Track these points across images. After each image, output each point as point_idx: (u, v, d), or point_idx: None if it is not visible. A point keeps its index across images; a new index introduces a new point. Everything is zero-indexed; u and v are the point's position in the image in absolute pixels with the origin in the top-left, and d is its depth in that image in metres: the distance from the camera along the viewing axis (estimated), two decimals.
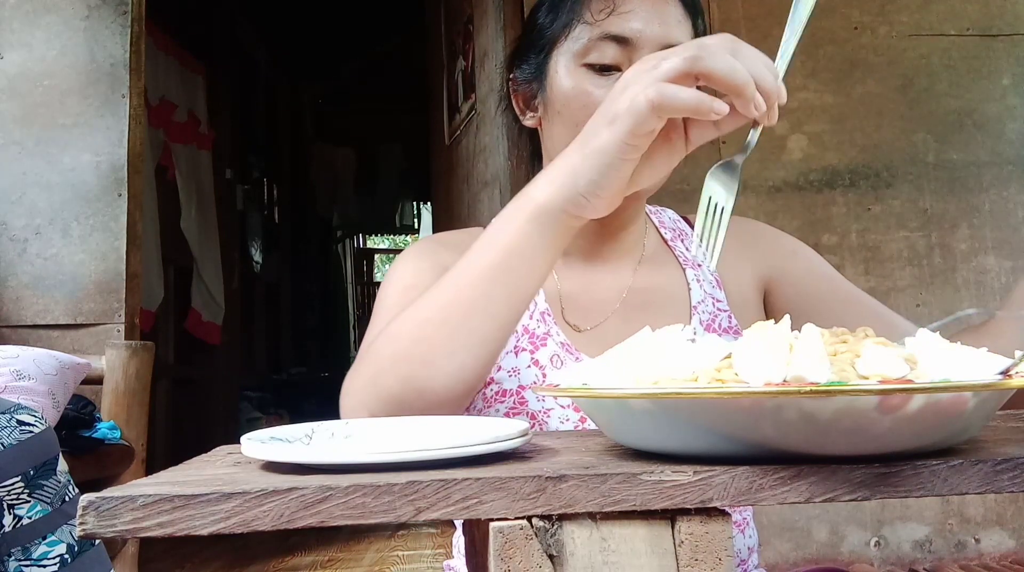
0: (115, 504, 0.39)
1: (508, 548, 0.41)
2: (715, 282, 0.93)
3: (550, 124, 0.87)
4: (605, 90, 0.80)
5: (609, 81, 0.80)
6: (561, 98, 0.83)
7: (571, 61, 0.83)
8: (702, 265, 0.94)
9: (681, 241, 0.97)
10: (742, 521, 0.87)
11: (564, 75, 0.83)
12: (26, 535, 1.27)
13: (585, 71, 0.82)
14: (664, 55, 0.59)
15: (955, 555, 2.46)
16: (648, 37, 0.80)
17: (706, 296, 0.91)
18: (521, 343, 0.86)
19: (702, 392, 0.42)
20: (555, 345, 0.86)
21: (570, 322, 0.88)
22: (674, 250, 0.96)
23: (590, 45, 0.81)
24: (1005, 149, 2.61)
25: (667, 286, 0.92)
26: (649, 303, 0.90)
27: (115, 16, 2.50)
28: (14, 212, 2.41)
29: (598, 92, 0.80)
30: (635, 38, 0.80)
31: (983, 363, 0.44)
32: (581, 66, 0.82)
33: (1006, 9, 2.66)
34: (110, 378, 2.07)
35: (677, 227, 0.99)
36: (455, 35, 3.34)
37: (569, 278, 0.91)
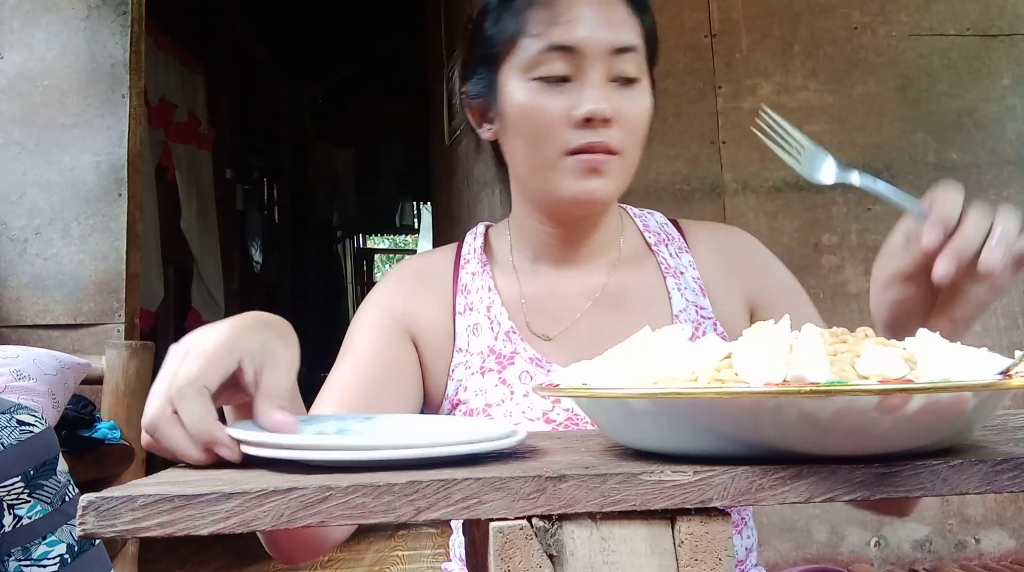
0: (115, 504, 0.39)
1: (508, 548, 0.41)
2: (699, 290, 0.91)
3: (507, 137, 0.85)
4: (559, 100, 0.79)
5: (561, 90, 0.79)
6: (516, 113, 0.82)
7: (520, 75, 0.81)
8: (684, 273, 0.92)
9: (666, 246, 0.94)
10: (740, 521, 0.86)
11: (516, 90, 0.81)
12: (26, 535, 1.27)
13: (537, 84, 0.80)
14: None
15: (955, 555, 2.46)
16: (595, 43, 0.79)
17: (688, 304, 0.89)
18: (487, 364, 0.85)
19: (702, 392, 0.42)
20: (523, 362, 0.85)
21: (537, 332, 0.87)
22: (657, 255, 0.93)
23: (538, 58, 0.80)
24: (1005, 149, 2.61)
25: (644, 290, 0.90)
26: (623, 305, 0.88)
27: (115, 16, 2.51)
28: (14, 212, 2.41)
29: (552, 104, 0.79)
30: (581, 46, 0.79)
31: (983, 363, 0.44)
32: (532, 80, 0.80)
33: (1006, 9, 2.66)
34: (110, 378, 2.07)
35: (664, 231, 0.96)
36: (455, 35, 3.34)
37: (536, 284, 0.90)
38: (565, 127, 0.79)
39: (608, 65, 0.80)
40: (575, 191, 0.80)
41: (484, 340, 0.87)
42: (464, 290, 0.90)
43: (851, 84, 2.57)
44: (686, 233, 0.96)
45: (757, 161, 2.50)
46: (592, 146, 0.78)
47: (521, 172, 0.86)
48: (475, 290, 0.90)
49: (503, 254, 0.93)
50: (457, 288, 0.91)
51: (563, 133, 0.79)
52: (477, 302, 0.89)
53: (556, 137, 0.79)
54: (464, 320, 0.88)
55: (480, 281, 0.90)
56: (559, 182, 0.81)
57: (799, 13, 2.59)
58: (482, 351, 0.86)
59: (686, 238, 0.96)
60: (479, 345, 0.86)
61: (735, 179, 2.49)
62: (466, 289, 0.90)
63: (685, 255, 0.94)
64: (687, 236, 0.96)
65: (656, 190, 2.40)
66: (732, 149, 2.50)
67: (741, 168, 2.50)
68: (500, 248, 0.94)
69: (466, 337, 0.87)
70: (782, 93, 2.53)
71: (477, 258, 0.93)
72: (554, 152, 0.80)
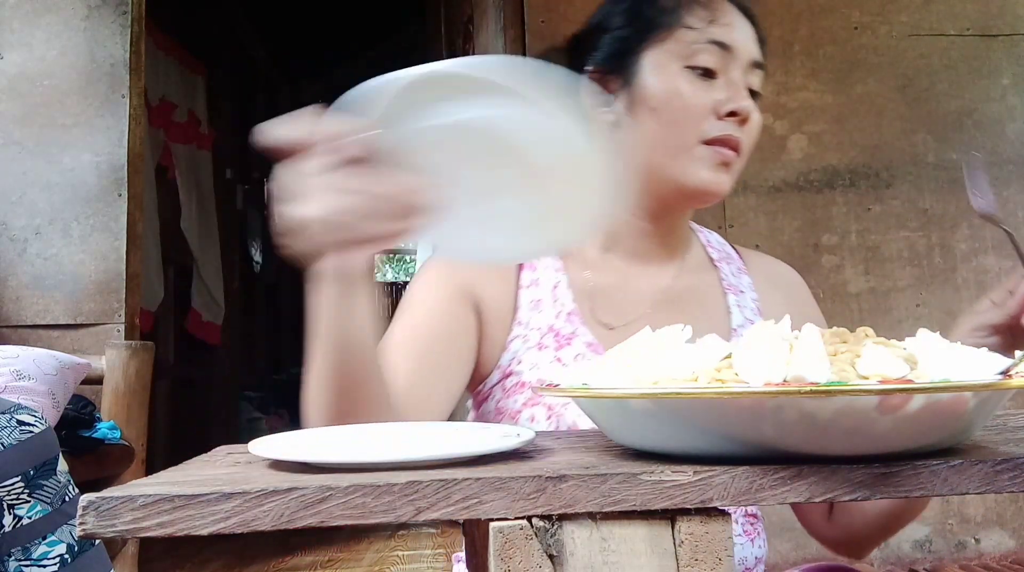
0: (115, 504, 0.39)
1: (508, 548, 0.41)
2: (756, 311, 0.93)
3: (638, 120, 0.87)
4: (706, 92, 0.83)
5: (708, 84, 0.83)
6: (661, 95, 0.84)
7: (672, 61, 0.84)
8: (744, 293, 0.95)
9: (727, 264, 0.97)
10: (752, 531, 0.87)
11: (665, 74, 0.84)
12: (26, 535, 1.27)
13: (686, 73, 0.84)
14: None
15: (955, 555, 2.46)
16: (743, 50, 0.84)
17: (746, 321, 0.91)
18: (545, 341, 0.86)
19: (702, 392, 0.42)
20: (581, 345, 0.86)
21: (601, 320, 0.88)
22: (719, 270, 0.96)
23: (694, 49, 0.83)
24: (1005, 149, 2.61)
25: (706, 300, 0.92)
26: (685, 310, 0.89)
27: (115, 16, 2.51)
28: (14, 212, 2.41)
29: (699, 94, 0.83)
30: (735, 47, 0.84)
31: (983, 363, 0.44)
32: (683, 68, 0.84)
33: (1006, 9, 2.66)
34: (110, 378, 2.07)
35: (724, 250, 0.99)
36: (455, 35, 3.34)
37: (604, 273, 0.91)
38: (708, 117, 0.83)
39: (745, 74, 0.85)
40: (703, 180, 0.83)
41: (545, 317, 0.87)
42: (530, 265, 0.91)
43: (851, 84, 2.57)
44: (744, 258, 1.00)
45: (757, 161, 2.50)
46: (729, 139, 0.83)
47: (647, 154, 0.86)
48: (542, 267, 0.91)
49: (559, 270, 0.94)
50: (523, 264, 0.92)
51: (705, 122, 0.83)
52: (544, 279, 0.90)
53: (697, 125, 0.83)
54: (528, 294, 0.89)
55: (548, 260, 0.91)
56: (690, 168, 0.84)
57: (799, 13, 2.59)
58: (541, 327, 0.87)
59: (744, 262, 0.99)
60: (539, 321, 0.87)
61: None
62: (532, 265, 0.91)
63: (744, 277, 0.97)
64: (745, 261, 1.00)
65: None
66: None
67: None
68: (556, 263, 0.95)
69: (527, 311, 0.88)
70: (782, 93, 2.53)
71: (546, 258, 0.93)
72: (692, 138, 0.83)
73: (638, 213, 0.90)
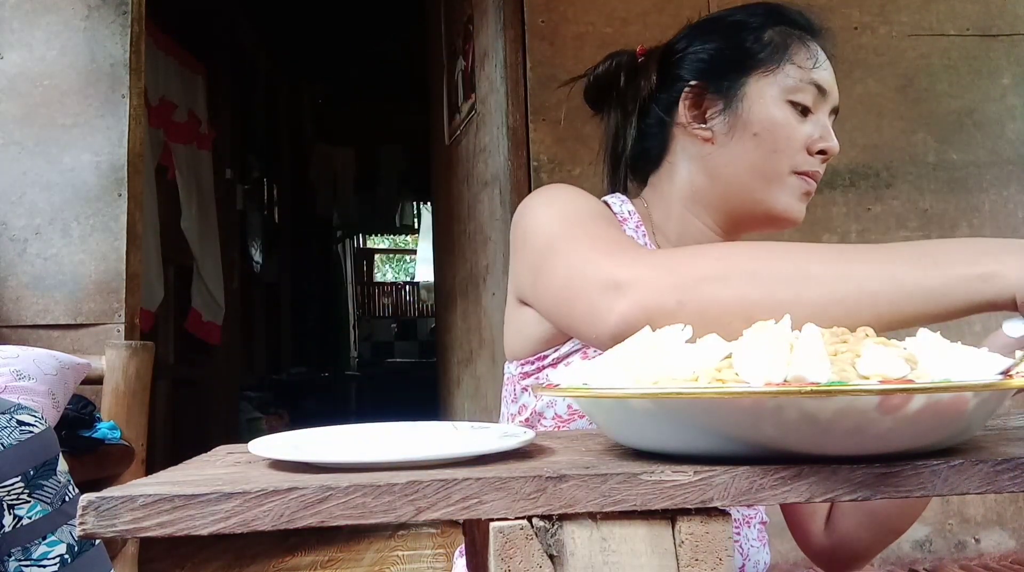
0: (115, 504, 0.39)
1: (508, 548, 0.41)
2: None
3: (737, 141, 0.90)
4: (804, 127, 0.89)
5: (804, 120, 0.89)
6: (766, 123, 0.88)
7: (779, 94, 0.89)
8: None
9: None
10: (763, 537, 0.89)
11: (771, 104, 0.89)
12: (26, 535, 1.27)
13: (788, 106, 0.89)
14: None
15: (955, 555, 2.46)
16: (832, 94, 0.91)
17: None
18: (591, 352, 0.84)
19: (702, 392, 0.42)
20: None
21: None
22: None
23: (799, 86, 0.89)
24: (1005, 149, 2.61)
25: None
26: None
27: (115, 16, 2.50)
28: (14, 212, 2.41)
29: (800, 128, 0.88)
30: (829, 92, 0.90)
31: (983, 363, 0.44)
32: (786, 102, 0.89)
33: (1006, 9, 2.66)
34: (110, 378, 2.07)
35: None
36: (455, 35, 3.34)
37: None
38: (801, 150, 0.88)
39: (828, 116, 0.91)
40: (789, 207, 0.89)
41: None
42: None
43: (851, 84, 2.57)
44: None
45: None
46: (815, 174, 0.89)
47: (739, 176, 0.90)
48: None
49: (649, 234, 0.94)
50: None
51: (799, 155, 0.88)
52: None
53: (792, 156, 0.88)
54: None
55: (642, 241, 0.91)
56: (779, 195, 0.88)
57: None
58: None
59: None
60: None
61: None
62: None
63: None
64: None
65: None
66: None
67: None
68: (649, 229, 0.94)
69: None
70: None
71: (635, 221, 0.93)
72: (786, 168, 0.88)
73: (717, 229, 0.93)
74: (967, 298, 0.59)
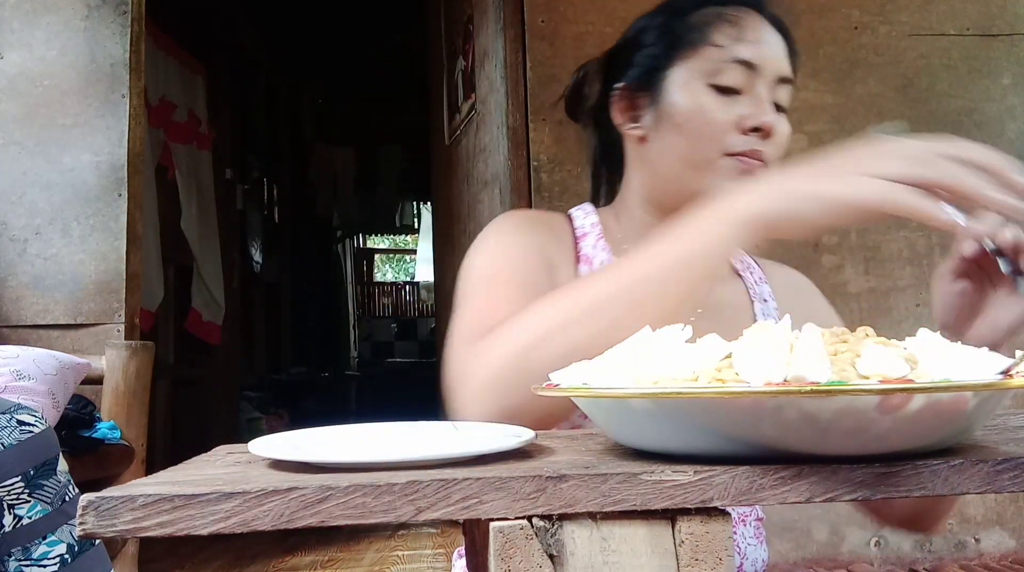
0: (115, 504, 0.39)
1: (508, 548, 0.41)
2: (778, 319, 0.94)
3: (663, 136, 0.88)
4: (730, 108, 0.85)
5: (732, 100, 0.85)
6: (685, 112, 0.86)
7: (697, 79, 0.86)
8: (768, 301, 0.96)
9: (750, 273, 0.99)
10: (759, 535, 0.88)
11: (690, 92, 0.86)
12: (26, 535, 1.27)
13: (710, 91, 0.85)
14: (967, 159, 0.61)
15: (955, 555, 2.46)
16: (771, 66, 0.86)
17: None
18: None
19: (702, 392, 0.42)
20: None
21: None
22: (744, 280, 0.98)
23: (720, 67, 0.85)
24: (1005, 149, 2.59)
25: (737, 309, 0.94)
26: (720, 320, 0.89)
27: (115, 16, 2.50)
28: (14, 212, 2.41)
29: (723, 110, 0.85)
30: (761, 65, 0.86)
31: (983, 363, 0.44)
32: (707, 86, 0.86)
33: (1006, 9, 2.66)
34: (110, 378, 2.07)
35: (745, 260, 1.01)
36: (455, 35, 3.34)
37: None
38: (731, 132, 0.84)
39: (772, 90, 0.86)
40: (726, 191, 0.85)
41: None
42: (587, 260, 0.92)
43: (851, 84, 2.57)
44: (762, 267, 1.02)
45: None
46: (753, 152, 0.84)
47: (670, 167, 0.88)
48: (598, 264, 0.91)
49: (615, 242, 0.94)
50: (579, 257, 0.92)
51: (728, 137, 0.84)
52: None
53: (720, 139, 0.84)
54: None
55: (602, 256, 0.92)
56: (712, 180, 0.85)
57: (799, 13, 2.58)
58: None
59: (763, 271, 1.01)
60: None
61: None
62: (588, 260, 0.92)
63: (764, 286, 0.99)
64: (763, 270, 1.02)
65: None
66: None
67: None
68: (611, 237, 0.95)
69: None
70: None
71: (596, 234, 0.93)
72: (715, 152, 0.85)
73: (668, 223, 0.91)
74: (715, 243, 0.67)
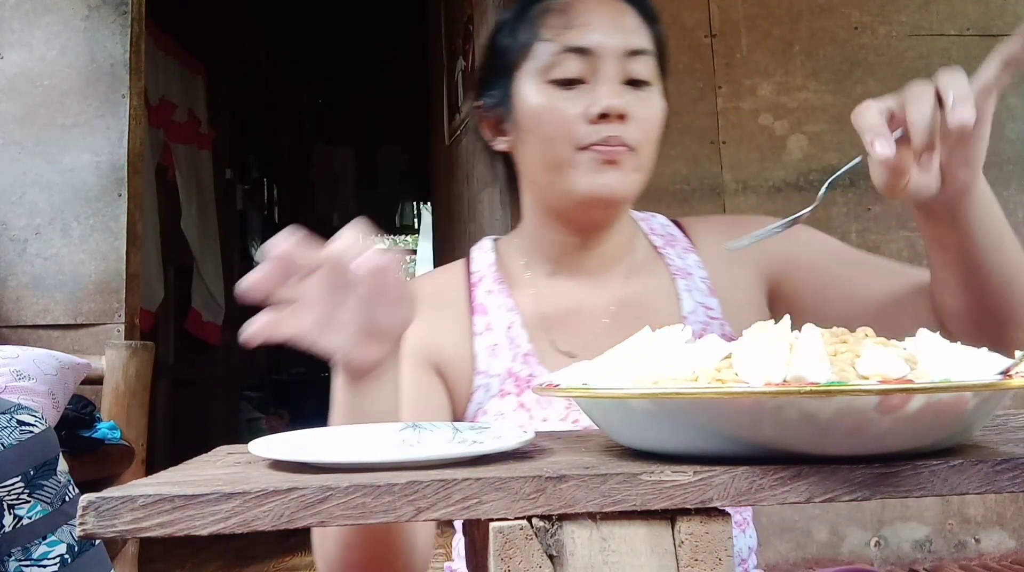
0: (115, 504, 0.39)
1: (508, 548, 0.41)
2: (707, 290, 0.90)
3: (522, 144, 0.86)
4: (574, 100, 0.81)
5: (576, 91, 0.81)
6: (531, 115, 0.83)
7: (535, 79, 0.83)
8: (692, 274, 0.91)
9: (671, 247, 0.94)
10: (742, 521, 0.86)
11: (531, 93, 0.83)
12: (26, 535, 1.27)
13: (551, 87, 0.82)
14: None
15: (955, 555, 2.46)
16: (608, 45, 0.81)
17: (696, 305, 0.88)
18: (506, 386, 0.84)
19: (702, 392, 0.42)
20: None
21: (563, 349, 0.86)
22: (665, 258, 0.93)
23: (552, 60, 0.82)
24: (1005, 149, 2.61)
25: (657, 296, 0.90)
26: (641, 314, 0.87)
27: (115, 16, 2.50)
28: (14, 212, 2.41)
29: (567, 104, 0.81)
30: (595, 47, 0.81)
31: (983, 363, 0.44)
32: (546, 83, 0.82)
33: (1006, 9, 2.66)
34: (110, 378, 2.07)
35: (667, 233, 0.96)
36: (455, 35, 3.34)
37: (556, 299, 0.89)
38: (580, 124, 0.80)
39: (621, 67, 0.82)
40: (591, 186, 0.81)
41: (503, 361, 0.85)
42: (481, 309, 0.89)
43: (851, 84, 2.57)
44: (689, 232, 0.96)
45: (757, 161, 2.50)
46: (607, 140, 0.80)
47: (536, 175, 0.86)
48: (493, 309, 0.89)
49: (518, 270, 0.92)
50: (474, 308, 0.89)
51: (578, 130, 0.80)
52: (496, 322, 0.88)
53: (571, 134, 0.80)
54: (483, 341, 0.87)
55: (498, 300, 0.89)
56: (575, 178, 0.81)
57: (799, 13, 2.59)
58: (501, 373, 0.85)
59: (690, 238, 0.95)
60: (498, 367, 0.85)
61: (735, 179, 2.49)
62: (483, 308, 0.89)
63: (691, 255, 0.93)
64: (691, 235, 0.96)
65: (656, 190, 2.40)
66: (732, 149, 2.50)
67: (741, 168, 2.50)
68: (514, 264, 0.93)
69: (486, 358, 0.86)
70: (782, 93, 2.53)
71: (492, 276, 0.91)
72: (569, 149, 0.81)
73: (563, 231, 0.88)
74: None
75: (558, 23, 0.82)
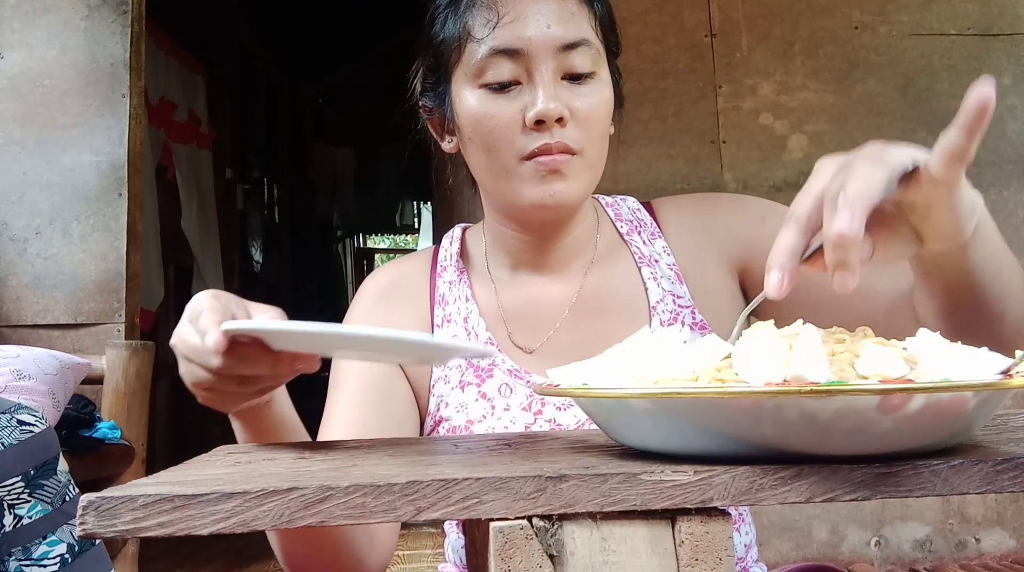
0: (115, 504, 0.39)
1: (508, 548, 0.41)
2: (675, 277, 0.87)
3: (466, 148, 0.83)
4: (509, 106, 0.76)
5: (511, 95, 0.77)
6: (469, 123, 0.79)
7: (469, 83, 0.79)
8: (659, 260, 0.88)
9: (638, 234, 0.90)
10: (738, 518, 0.86)
11: (467, 99, 0.79)
12: (26, 535, 1.27)
13: (485, 92, 0.77)
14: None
15: (955, 555, 2.46)
16: (540, 42, 0.76)
17: (665, 294, 0.86)
18: (466, 377, 0.84)
19: (702, 392, 0.42)
20: (502, 374, 0.83)
21: (519, 344, 0.85)
22: (630, 246, 0.89)
23: (483, 64, 0.77)
24: (1005, 149, 2.61)
25: (621, 287, 0.87)
26: (602, 306, 0.86)
27: (115, 16, 2.51)
28: (14, 212, 2.41)
29: (502, 111, 0.77)
30: (525, 47, 0.76)
31: (983, 363, 0.44)
32: (480, 87, 0.78)
33: (1006, 9, 2.66)
34: (110, 378, 2.07)
35: (635, 218, 0.92)
36: None
37: (514, 293, 0.88)
38: (518, 132, 0.76)
39: (557, 62, 0.76)
40: (537, 197, 0.77)
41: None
42: (442, 301, 0.88)
43: (851, 84, 2.57)
44: (658, 215, 0.92)
45: (757, 161, 2.50)
46: (548, 148, 0.75)
47: (484, 180, 0.83)
48: (453, 301, 0.88)
49: (480, 261, 0.91)
50: (434, 299, 0.88)
51: (517, 138, 0.76)
52: (455, 313, 0.87)
53: (510, 143, 0.76)
54: (442, 333, 0.86)
55: (458, 291, 0.88)
56: (519, 189, 0.78)
57: (799, 13, 2.59)
58: (460, 365, 0.84)
59: (659, 221, 0.92)
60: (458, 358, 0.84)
61: (735, 179, 2.49)
62: (443, 300, 0.88)
63: (659, 241, 0.90)
64: (659, 218, 0.92)
65: (656, 190, 2.40)
66: (732, 149, 2.50)
67: (741, 168, 2.50)
68: (477, 254, 0.91)
69: None
70: (782, 93, 2.53)
71: (454, 266, 0.90)
72: (511, 159, 0.77)
73: (519, 230, 0.86)
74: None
75: (486, 19, 0.77)
